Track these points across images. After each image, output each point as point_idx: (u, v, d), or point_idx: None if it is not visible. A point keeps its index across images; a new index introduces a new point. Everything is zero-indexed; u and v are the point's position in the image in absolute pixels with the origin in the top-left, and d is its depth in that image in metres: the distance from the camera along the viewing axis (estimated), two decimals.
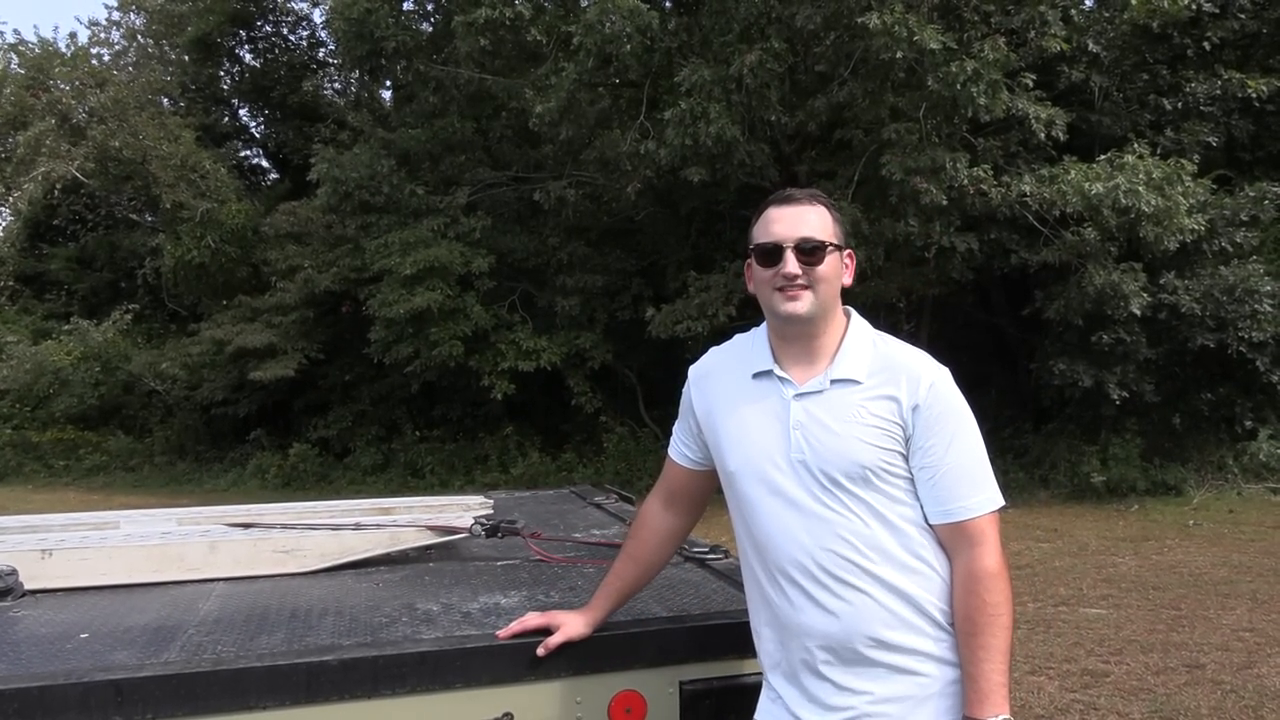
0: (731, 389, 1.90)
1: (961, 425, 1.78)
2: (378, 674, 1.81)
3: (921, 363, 1.81)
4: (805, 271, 1.78)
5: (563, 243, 15.44)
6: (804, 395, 1.80)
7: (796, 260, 1.78)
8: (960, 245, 11.74)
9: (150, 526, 2.95)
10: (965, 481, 1.75)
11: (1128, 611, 6.74)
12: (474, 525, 2.82)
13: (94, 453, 19.67)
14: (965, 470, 1.76)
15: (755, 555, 1.86)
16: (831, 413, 1.77)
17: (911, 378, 1.77)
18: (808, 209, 1.83)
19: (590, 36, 11.69)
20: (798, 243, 1.79)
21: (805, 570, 1.76)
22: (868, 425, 1.75)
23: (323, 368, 17.40)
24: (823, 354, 1.83)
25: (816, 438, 1.77)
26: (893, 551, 1.74)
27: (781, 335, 1.86)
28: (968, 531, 1.74)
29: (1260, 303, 11.72)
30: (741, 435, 1.85)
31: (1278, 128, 13.92)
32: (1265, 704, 4.86)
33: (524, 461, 15.68)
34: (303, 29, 22.42)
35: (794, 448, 1.78)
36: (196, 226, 17.41)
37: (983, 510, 1.75)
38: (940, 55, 10.54)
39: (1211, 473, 12.42)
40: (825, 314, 1.82)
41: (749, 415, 1.85)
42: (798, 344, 1.84)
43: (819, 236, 1.80)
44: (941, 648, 1.75)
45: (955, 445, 1.76)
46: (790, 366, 1.84)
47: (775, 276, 1.80)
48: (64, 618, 2.19)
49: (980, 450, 1.80)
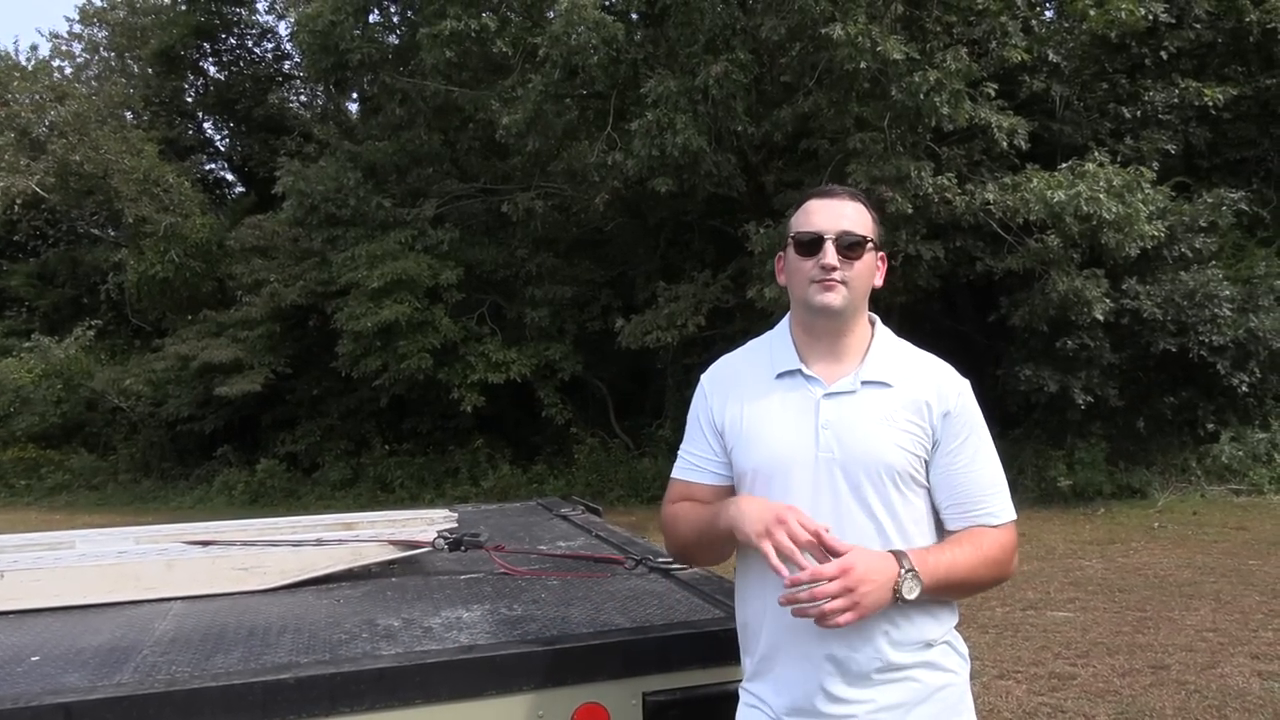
0: (754, 389, 1.86)
1: (984, 436, 1.83)
2: (335, 691, 1.78)
3: (948, 370, 1.85)
4: (843, 265, 1.77)
5: (531, 254, 15.42)
6: (834, 395, 1.78)
7: (836, 253, 1.77)
8: (926, 253, 11.84)
9: (107, 546, 2.90)
10: (990, 489, 1.80)
11: (1094, 614, 6.80)
12: (437, 539, 2.79)
13: (56, 471, 19.32)
14: (989, 479, 1.81)
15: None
16: (863, 413, 1.77)
17: (942, 385, 1.80)
18: (848, 204, 1.82)
19: (556, 48, 11.72)
20: (839, 235, 1.78)
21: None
22: (900, 429, 1.75)
23: (290, 382, 17.23)
24: (849, 354, 1.82)
25: (847, 437, 1.75)
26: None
27: (809, 330, 1.84)
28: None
29: (1220, 307, 11.90)
30: (766, 433, 1.81)
31: (1234, 135, 14.18)
32: (1228, 703, 4.92)
33: (495, 474, 15.60)
34: (268, 41, 22.30)
35: (823, 446, 1.76)
36: (160, 241, 17.21)
37: (1004, 518, 1.80)
38: (903, 65, 10.67)
39: (1175, 475, 12.58)
40: (856, 311, 1.83)
41: (775, 413, 1.81)
42: (824, 340, 1.82)
43: (860, 231, 1.79)
44: (944, 655, 1.78)
45: (980, 454, 1.81)
46: (816, 365, 1.82)
47: (813, 267, 1.78)
48: (15, 640, 2.15)
49: (997, 460, 1.84)
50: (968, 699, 1.84)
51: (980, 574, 1.75)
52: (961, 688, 1.82)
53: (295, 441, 17.30)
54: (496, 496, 14.22)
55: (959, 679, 1.81)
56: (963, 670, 1.84)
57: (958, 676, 1.81)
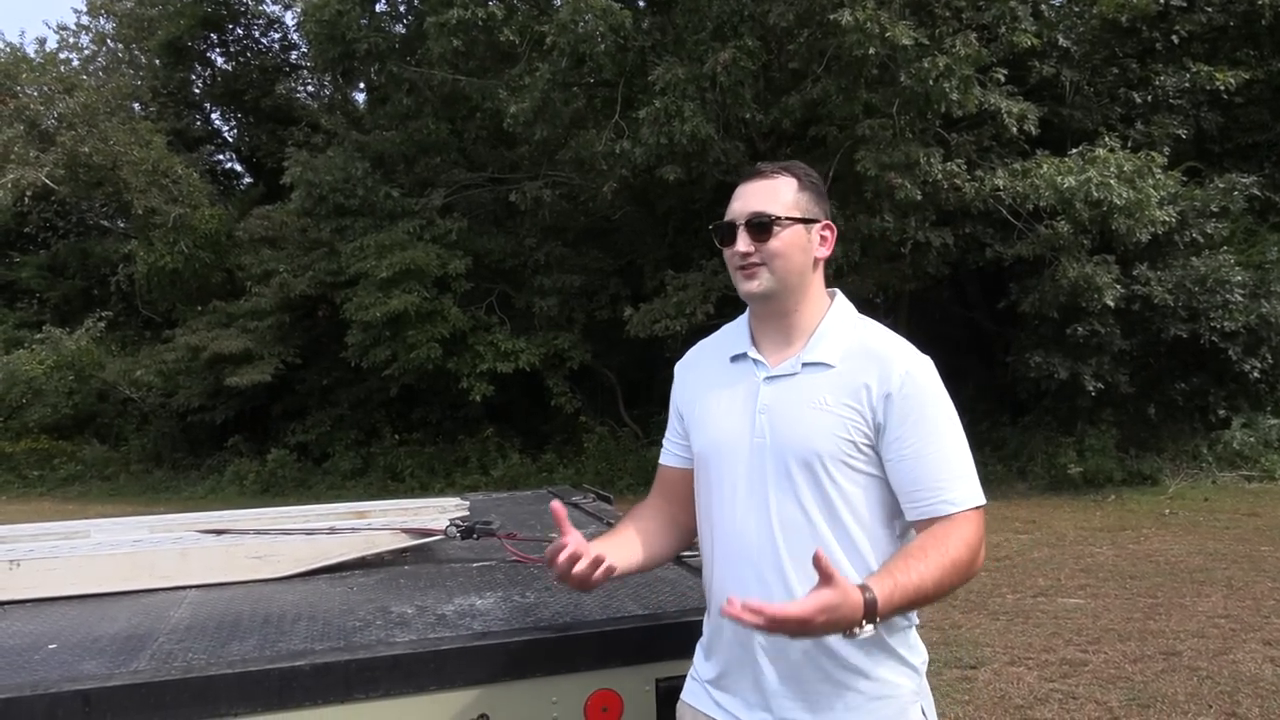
0: (710, 373, 1.86)
1: (940, 416, 1.66)
2: (350, 678, 1.79)
3: (899, 349, 1.70)
4: (757, 248, 1.71)
5: (540, 243, 15.41)
6: (775, 378, 1.74)
7: (748, 237, 1.71)
8: (935, 240, 11.81)
9: (121, 535, 2.91)
10: (945, 474, 1.63)
11: (1105, 601, 6.79)
12: (449, 527, 2.80)
13: (69, 462, 19.42)
14: (945, 462, 1.63)
15: (707, 538, 1.82)
16: (799, 397, 1.70)
17: (885, 364, 1.67)
18: (768, 182, 1.75)
19: (563, 36, 11.68)
20: (748, 219, 1.72)
21: (753, 561, 1.69)
22: (832, 413, 1.66)
23: (300, 372, 17.27)
24: (798, 334, 1.76)
25: (779, 422, 1.70)
26: (833, 551, 1.63)
27: (755, 314, 1.82)
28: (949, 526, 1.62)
29: (1231, 292, 11.85)
30: (711, 417, 1.80)
31: (1246, 120, 14.09)
32: (1240, 689, 4.91)
33: (504, 463, 15.63)
34: (275, 32, 22.23)
35: (757, 432, 1.71)
36: (169, 232, 17.23)
37: (965, 504, 1.62)
38: (912, 51, 10.62)
39: (1186, 462, 12.55)
40: (789, 290, 1.73)
41: (721, 398, 1.80)
42: (770, 323, 1.78)
43: (768, 210, 1.71)
44: (876, 661, 1.66)
45: (933, 437, 1.64)
46: (766, 348, 1.78)
47: (733, 255, 1.74)
48: (32, 629, 2.16)
49: (962, 443, 1.67)
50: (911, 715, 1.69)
51: (946, 584, 1.56)
52: (902, 703, 1.68)
53: (305, 431, 17.35)
54: (506, 485, 14.25)
55: (902, 692, 1.68)
56: (909, 682, 1.70)
57: (900, 689, 1.68)
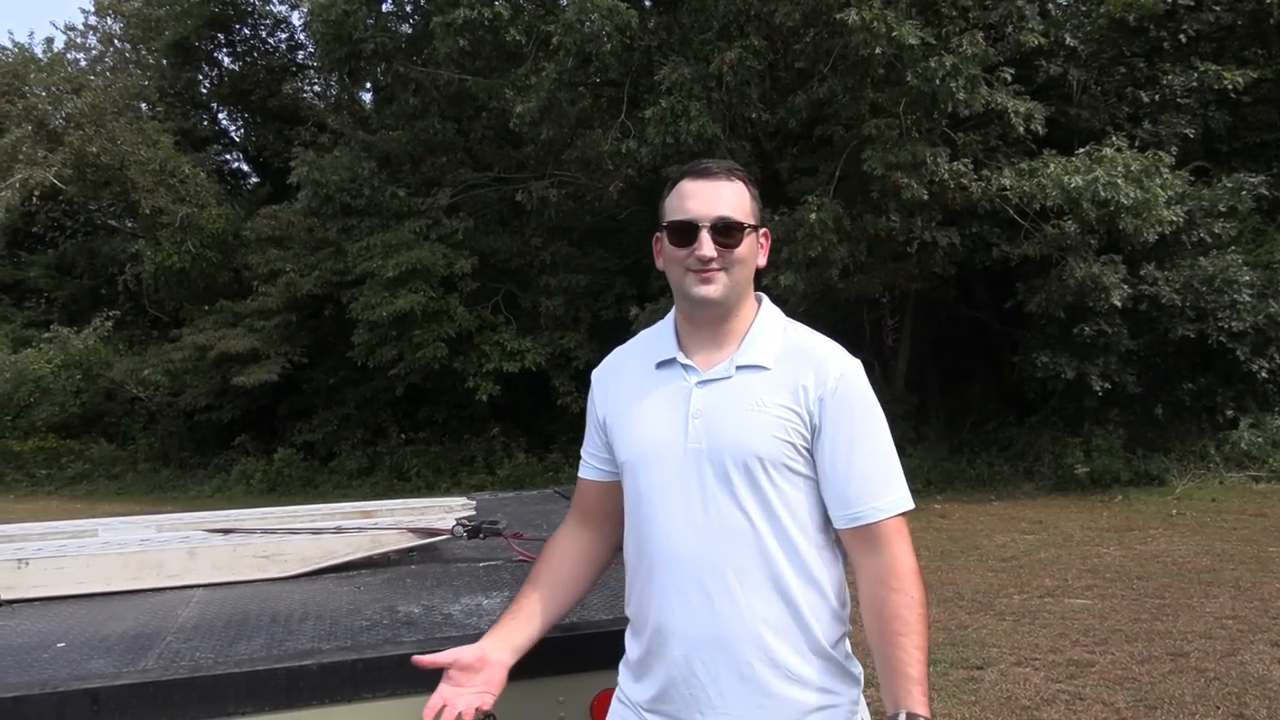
0: (633, 381, 1.78)
1: (870, 420, 1.66)
2: (358, 678, 1.80)
3: (832, 352, 1.69)
4: (721, 254, 1.65)
5: (545, 243, 15.43)
6: (707, 382, 1.68)
7: (713, 242, 1.65)
8: (942, 240, 11.79)
9: (128, 534, 2.92)
10: (875, 481, 1.63)
11: (1112, 602, 6.77)
12: (456, 527, 2.80)
13: (76, 461, 19.51)
14: (874, 469, 1.64)
15: (636, 551, 1.75)
16: (734, 400, 1.65)
17: (821, 365, 1.66)
18: (724, 185, 1.69)
19: (570, 36, 11.69)
20: (714, 223, 1.65)
21: (692, 570, 1.64)
22: (771, 415, 1.63)
23: (306, 372, 17.33)
24: (731, 339, 1.71)
25: (715, 426, 1.65)
26: (775, 557, 1.62)
27: (690, 319, 1.74)
28: (878, 534, 1.62)
29: (1239, 292, 11.81)
30: (638, 424, 1.73)
31: (1254, 119, 14.04)
32: (1248, 691, 4.89)
33: (510, 463, 15.65)
34: (281, 32, 22.32)
35: (691, 437, 1.66)
36: (176, 232, 17.30)
37: (893, 511, 1.63)
38: (919, 51, 10.59)
39: (1194, 462, 12.51)
40: (739, 298, 1.71)
41: (648, 405, 1.73)
42: (706, 328, 1.72)
43: (737, 217, 1.67)
44: (819, 670, 1.63)
45: (864, 441, 1.64)
46: (695, 353, 1.72)
47: (688, 257, 1.66)
48: (40, 627, 2.17)
49: (890, 447, 1.67)
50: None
51: (927, 624, 1.61)
52: (844, 712, 1.66)
53: (312, 431, 17.40)
54: (512, 485, 14.27)
55: (843, 701, 1.66)
56: (851, 692, 1.68)
57: (841, 700, 1.66)
